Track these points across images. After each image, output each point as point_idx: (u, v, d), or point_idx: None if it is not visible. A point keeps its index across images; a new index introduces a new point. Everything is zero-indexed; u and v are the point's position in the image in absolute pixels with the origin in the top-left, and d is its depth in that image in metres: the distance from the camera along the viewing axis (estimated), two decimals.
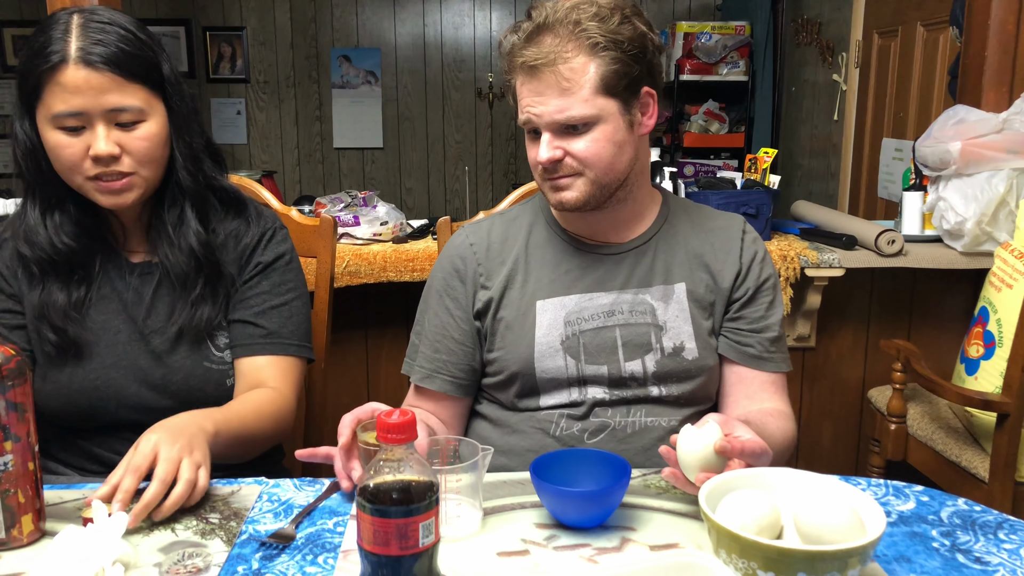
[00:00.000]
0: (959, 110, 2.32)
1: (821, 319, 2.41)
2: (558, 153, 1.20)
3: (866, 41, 3.93)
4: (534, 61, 1.17)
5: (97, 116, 1.15)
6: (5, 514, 0.95)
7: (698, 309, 1.29)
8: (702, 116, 4.96)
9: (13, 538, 0.96)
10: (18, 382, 0.94)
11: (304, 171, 5.61)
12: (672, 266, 1.30)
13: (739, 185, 2.35)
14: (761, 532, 0.85)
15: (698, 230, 1.33)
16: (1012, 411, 1.73)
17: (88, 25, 1.15)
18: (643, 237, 1.31)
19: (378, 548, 0.81)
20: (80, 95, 1.14)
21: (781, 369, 1.31)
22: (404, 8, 5.49)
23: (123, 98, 1.16)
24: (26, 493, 0.96)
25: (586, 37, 1.16)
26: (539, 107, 1.19)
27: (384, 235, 2.31)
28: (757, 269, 1.31)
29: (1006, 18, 2.43)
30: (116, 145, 1.16)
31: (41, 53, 1.14)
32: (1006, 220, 2.17)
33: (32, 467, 0.97)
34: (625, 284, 1.29)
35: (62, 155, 1.17)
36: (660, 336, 1.27)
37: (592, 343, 1.26)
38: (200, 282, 1.26)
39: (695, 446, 0.98)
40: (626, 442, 1.26)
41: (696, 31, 4.84)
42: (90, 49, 1.14)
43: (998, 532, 0.99)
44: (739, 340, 1.30)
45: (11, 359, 0.94)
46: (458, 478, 0.99)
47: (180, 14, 5.39)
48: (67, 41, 1.14)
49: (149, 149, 1.19)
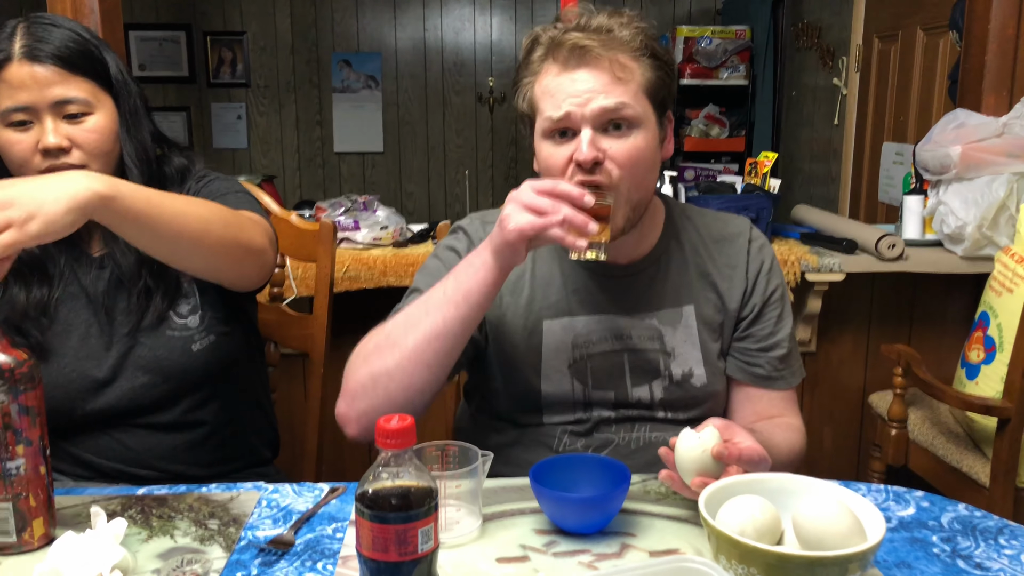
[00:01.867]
0: (959, 114, 2.32)
1: (822, 324, 2.41)
2: (597, 154, 1.09)
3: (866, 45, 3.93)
4: (585, 41, 1.09)
5: (44, 109, 1.18)
6: (16, 517, 0.95)
7: (707, 331, 1.25)
8: (703, 120, 4.97)
9: (24, 541, 0.96)
10: (29, 386, 0.95)
11: (304, 176, 5.62)
12: (680, 287, 1.25)
13: (739, 189, 2.35)
14: (761, 538, 0.85)
15: (704, 241, 1.28)
16: (1013, 416, 1.73)
17: (32, 27, 1.19)
18: (651, 257, 1.25)
19: (377, 554, 0.81)
20: (25, 89, 1.17)
21: (791, 385, 1.29)
22: (405, 13, 5.50)
23: (68, 90, 1.19)
24: (37, 497, 0.97)
25: (630, 40, 1.12)
26: (585, 95, 1.09)
27: (384, 240, 2.31)
28: (764, 282, 1.27)
29: (1006, 22, 2.43)
30: (65, 138, 1.19)
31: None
32: (1006, 224, 2.17)
33: (43, 471, 0.97)
34: (633, 308, 1.24)
35: (12, 151, 1.19)
36: (668, 363, 1.24)
37: (600, 368, 1.23)
38: (144, 272, 1.25)
39: (692, 449, 0.97)
40: (631, 457, 1.23)
41: (697, 35, 4.84)
42: (33, 46, 1.17)
43: (999, 538, 0.99)
44: (748, 360, 1.27)
45: (23, 363, 0.95)
46: (458, 484, 0.98)
47: (181, 19, 5.40)
48: (12, 41, 1.17)
49: (98, 141, 1.21)
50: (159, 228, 1.08)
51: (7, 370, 0.93)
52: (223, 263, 1.20)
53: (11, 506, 0.95)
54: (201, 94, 5.47)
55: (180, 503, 1.07)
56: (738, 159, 4.85)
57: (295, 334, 1.58)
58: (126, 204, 1.03)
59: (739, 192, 2.33)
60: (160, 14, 5.38)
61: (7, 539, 0.95)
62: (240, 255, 1.20)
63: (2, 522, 0.95)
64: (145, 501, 1.08)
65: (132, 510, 1.05)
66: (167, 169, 1.31)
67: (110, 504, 1.06)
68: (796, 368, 1.30)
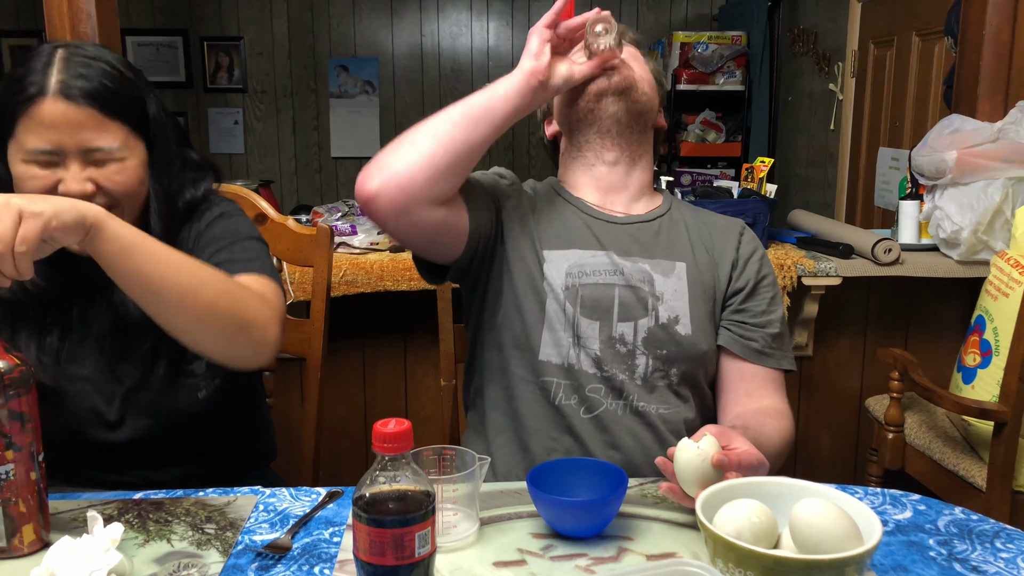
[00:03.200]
0: (954, 119, 2.33)
1: (818, 328, 2.41)
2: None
3: (862, 51, 3.95)
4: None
5: (72, 153, 1.10)
6: (6, 523, 0.95)
7: (697, 290, 1.31)
8: (699, 125, 4.98)
9: (14, 547, 0.96)
10: (21, 391, 0.94)
11: (301, 180, 5.62)
12: (674, 246, 1.33)
13: (736, 194, 2.35)
14: (758, 541, 0.85)
15: (699, 223, 1.38)
16: (1009, 420, 1.73)
17: (71, 59, 1.11)
18: (647, 215, 1.36)
19: (374, 558, 0.81)
20: (56, 130, 1.09)
21: (783, 366, 1.32)
22: (402, 18, 5.51)
23: (101, 137, 1.11)
24: (27, 503, 0.96)
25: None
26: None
27: (381, 244, 2.31)
28: (755, 265, 1.35)
29: (1000, 28, 2.44)
30: (89, 182, 1.11)
31: (19, 84, 1.09)
32: (1002, 229, 2.18)
33: (34, 477, 0.97)
34: (628, 251, 1.31)
35: (29, 186, 1.11)
36: (656, 305, 1.29)
37: (590, 297, 1.28)
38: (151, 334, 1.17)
39: (692, 460, 0.97)
40: (618, 423, 1.26)
41: (693, 41, 4.85)
42: (71, 83, 1.09)
43: (995, 541, 0.99)
44: (742, 334, 1.31)
45: (15, 368, 0.94)
46: (455, 488, 0.98)
47: (178, 24, 5.40)
48: (48, 73, 1.09)
49: (125, 186, 1.14)
50: (143, 271, 1.02)
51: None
52: (210, 335, 1.09)
53: (1, 511, 0.94)
54: (198, 99, 5.47)
55: (177, 507, 1.07)
56: (734, 164, 4.85)
57: (292, 338, 1.58)
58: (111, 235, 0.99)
59: (735, 197, 2.34)
60: (157, 19, 5.39)
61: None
62: (232, 330, 1.09)
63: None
64: (142, 505, 1.08)
65: (129, 514, 1.05)
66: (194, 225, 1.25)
67: (107, 509, 1.06)
68: (788, 352, 1.35)
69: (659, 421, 1.26)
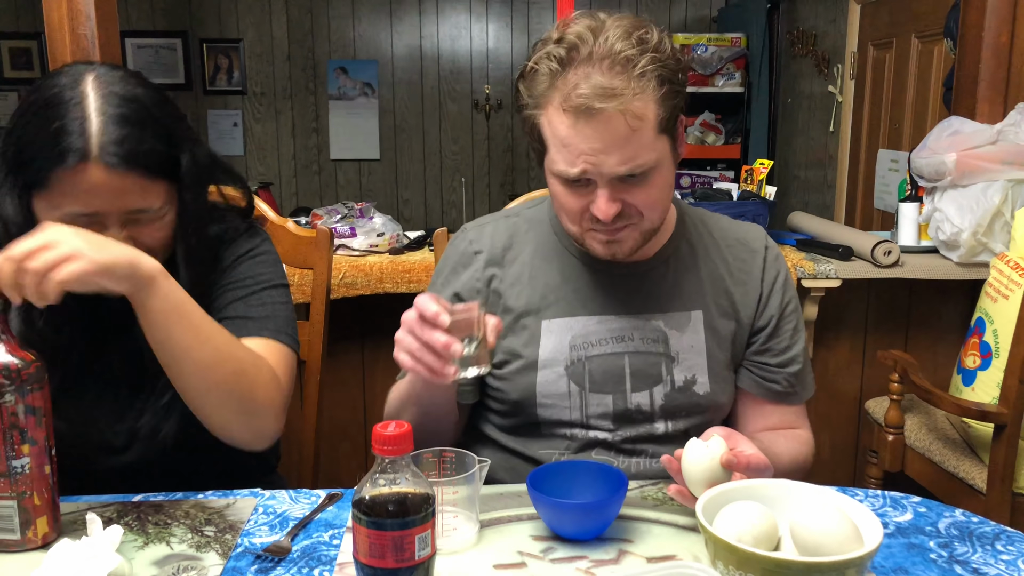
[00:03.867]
0: (954, 121, 2.33)
1: (818, 330, 2.41)
2: (618, 206, 1.08)
3: (861, 53, 3.95)
4: (596, 102, 1.01)
5: (113, 216, 1.05)
6: (21, 515, 0.97)
7: (714, 340, 1.21)
8: (698, 127, 4.98)
9: (28, 539, 0.98)
10: (36, 387, 0.96)
11: (301, 183, 5.62)
12: (690, 290, 1.21)
13: (735, 196, 2.36)
14: (758, 544, 0.85)
15: (718, 244, 1.25)
16: (1009, 422, 1.73)
17: (110, 112, 1.03)
18: (660, 256, 1.22)
19: (374, 561, 0.81)
20: (98, 197, 1.03)
21: (803, 400, 1.26)
22: (401, 20, 5.51)
23: (144, 200, 1.06)
24: (42, 496, 0.98)
25: (649, 72, 1.03)
26: (598, 158, 1.04)
27: (381, 246, 2.31)
28: (780, 294, 1.24)
29: (999, 30, 2.45)
30: (130, 239, 1.06)
31: (55, 143, 1.01)
32: (1001, 231, 2.18)
33: (48, 470, 0.99)
34: (639, 308, 1.20)
35: None
36: (671, 367, 1.19)
37: (598, 370, 1.19)
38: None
39: (701, 460, 0.97)
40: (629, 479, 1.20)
41: (692, 43, 4.86)
42: (114, 149, 1.02)
43: (995, 543, 0.99)
44: (765, 376, 1.23)
45: (30, 364, 0.96)
46: (455, 490, 0.98)
47: (177, 26, 5.40)
48: (86, 134, 1.01)
49: (163, 241, 1.11)
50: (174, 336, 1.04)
51: (15, 371, 0.94)
52: (212, 410, 1.10)
53: (16, 504, 0.96)
54: (197, 101, 5.47)
55: (176, 510, 1.07)
56: (734, 166, 4.86)
57: None
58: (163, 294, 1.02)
59: (735, 199, 2.34)
60: (156, 21, 5.39)
61: (11, 536, 0.97)
62: (235, 415, 1.10)
63: (6, 519, 0.96)
64: (141, 508, 1.07)
65: (128, 517, 1.05)
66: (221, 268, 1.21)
67: (106, 511, 1.06)
68: (808, 382, 1.28)
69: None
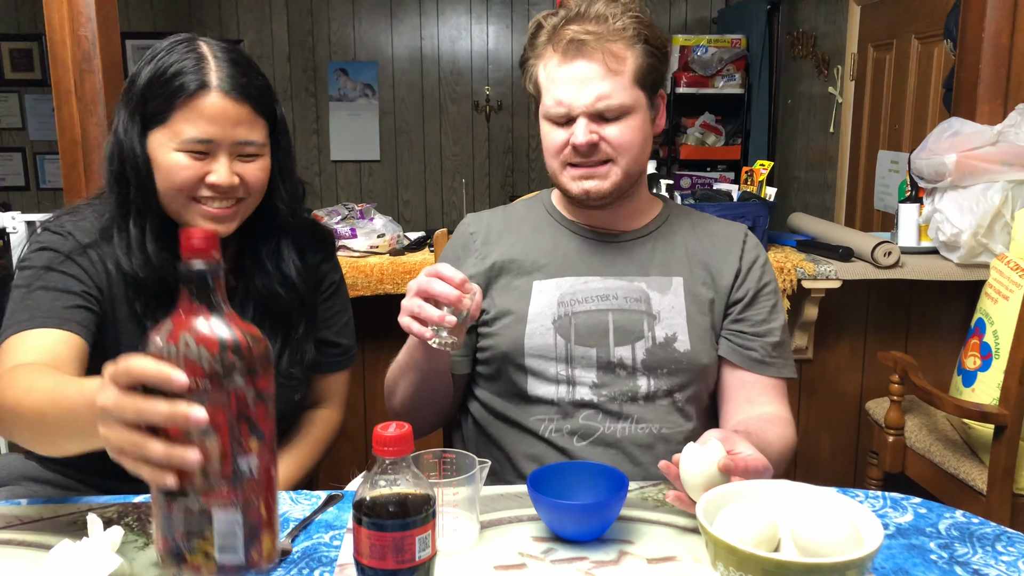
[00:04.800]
0: (954, 122, 2.33)
1: (818, 331, 2.41)
2: (594, 137, 1.21)
3: (861, 54, 3.95)
4: (582, 36, 1.19)
5: (225, 146, 1.15)
6: (246, 531, 0.76)
7: (694, 305, 1.29)
8: (698, 129, 4.98)
9: (253, 561, 0.77)
10: (266, 369, 0.78)
11: None
12: (670, 261, 1.31)
13: (735, 197, 2.36)
14: (759, 545, 0.85)
15: (699, 233, 1.35)
16: (1009, 423, 1.73)
17: (220, 56, 1.17)
18: (643, 230, 1.34)
19: (374, 562, 0.81)
20: (216, 124, 1.14)
21: (783, 374, 1.31)
22: (401, 22, 5.52)
23: (252, 133, 1.17)
24: (268, 505, 0.78)
25: (628, 27, 1.21)
26: (577, 92, 1.20)
27: (381, 247, 2.31)
28: (758, 272, 1.33)
29: (999, 31, 2.45)
30: (236, 176, 1.17)
31: (176, 77, 1.14)
32: (1001, 232, 2.18)
33: (273, 473, 0.79)
34: (622, 271, 1.30)
35: (179, 176, 1.15)
36: (652, 325, 1.27)
37: (584, 324, 1.27)
38: (302, 323, 1.29)
39: (699, 465, 0.97)
40: (615, 446, 1.25)
41: (692, 44, 4.87)
42: (232, 80, 1.15)
43: (996, 544, 0.99)
44: (742, 344, 1.30)
45: (260, 342, 0.77)
46: (455, 491, 0.98)
47: (177, 27, 5.34)
48: (204, 69, 1.14)
49: (263, 181, 1.21)
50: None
51: (244, 348, 0.75)
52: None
53: (240, 517, 0.76)
54: None
55: None
56: (734, 167, 4.86)
57: None
58: None
59: (735, 200, 2.34)
60: (157, 23, 5.40)
61: (233, 559, 0.76)
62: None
63: (227, 536, 0.76)
64: (141, 509, 1.07)
65: (128, 518, 1.05)
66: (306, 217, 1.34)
67: (107, 512, 1.06)
68: (788, 361, 1.33)
69: (659, 441, 1.26)
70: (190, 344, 0.73)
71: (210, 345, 0.73)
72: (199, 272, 0.75)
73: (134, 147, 1.16)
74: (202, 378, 0.73)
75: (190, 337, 0.73)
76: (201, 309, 0.75)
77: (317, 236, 1.36)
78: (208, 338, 0.74)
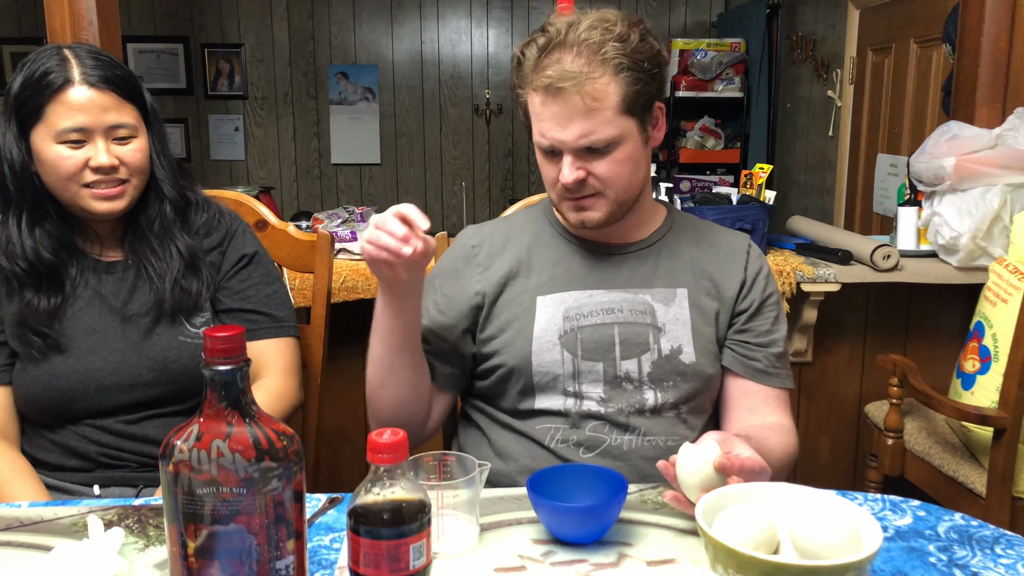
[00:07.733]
0: (953, 126, 2.33)
1: (817, 334, 2.41)
2: (581, 174, 1.19)
3: (860, 58, 3.96)
4: (559, 83, 1.15)
5: (98, 132, 1.28)
6: None
7: (699, 316, 1.28)
8: (698, 132, 4.99)
9: None
10: (300, 467, 0.76)
11: (302, 187, 5.62)
12: (674, 272, 1.30)
13: (735, 201, 2.36)
14: (758, 547, 0.85)
15: (702, 243, 1.34)
16: (1008, 426, 1.73)
17: (81, 55, 1.29)
18: (646, 241, 1.32)
19: (368, 570, 0.80)
20: (84, 112, 1.27)
21: (786, 385, 1.31)
22: (402, 25, 5.52)
23: (121, 116, 1.30)
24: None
25: (610, 58, 1.15)
26: (561, 131, 1.18)
27: None
28: (762, 283, 1.32)
29: (998, 35, 2.45)
30: (115, 158, 1.29)
31: (43, 79, 1.26)
32: (1000, 235, 2.18)
33: (307, 565, 0.80)
34: (626, 283, 1.29)
35: (62, 166, 1.27)
36: (658, 337, 1.27)
37: (590, 339, 1.26)
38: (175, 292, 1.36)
39: (695, 465, 0.97)
40: (622, 459, 1.25)
41: (692, 48, 4.87)
42: (92, 72, 1.28)
43: (995, 547, 0.99)
44: (745, 354, 1.30)
45: (293, 440, 0.75)
46: (455, 494, 0.98)
47: (179, 31, 5.41)
48: (68, 67, 1.27)
49: (142, 161, 1.33)
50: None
51: (281, 449, 0.73)
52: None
53: None
54: (199, 106, 5.48)
55: None
56: (733, 171, 4.86)
57: None
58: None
59: (734, 203, 2.34)
60: (158, 26, 5.40)
61: None
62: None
63: None
64: (142, 511, 1.08)
65: (129, 520, 1.05)
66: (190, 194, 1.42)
67: (107, 514, 1.06)
68: (789, 372, 1.34)
69: (665, 454, 1.23)
70: (223, 451, 0.70)
71: (246, 452, 0.71)
72: (227, 373, 0.72)
73: (11, 149, 1.29)
74: (238, 486, 0.70)
75: (222, 444, 0.70)
76: (231, 413, 0.72)
77: (217, 214, 1.44)
78: (243, 444, 0.71)
